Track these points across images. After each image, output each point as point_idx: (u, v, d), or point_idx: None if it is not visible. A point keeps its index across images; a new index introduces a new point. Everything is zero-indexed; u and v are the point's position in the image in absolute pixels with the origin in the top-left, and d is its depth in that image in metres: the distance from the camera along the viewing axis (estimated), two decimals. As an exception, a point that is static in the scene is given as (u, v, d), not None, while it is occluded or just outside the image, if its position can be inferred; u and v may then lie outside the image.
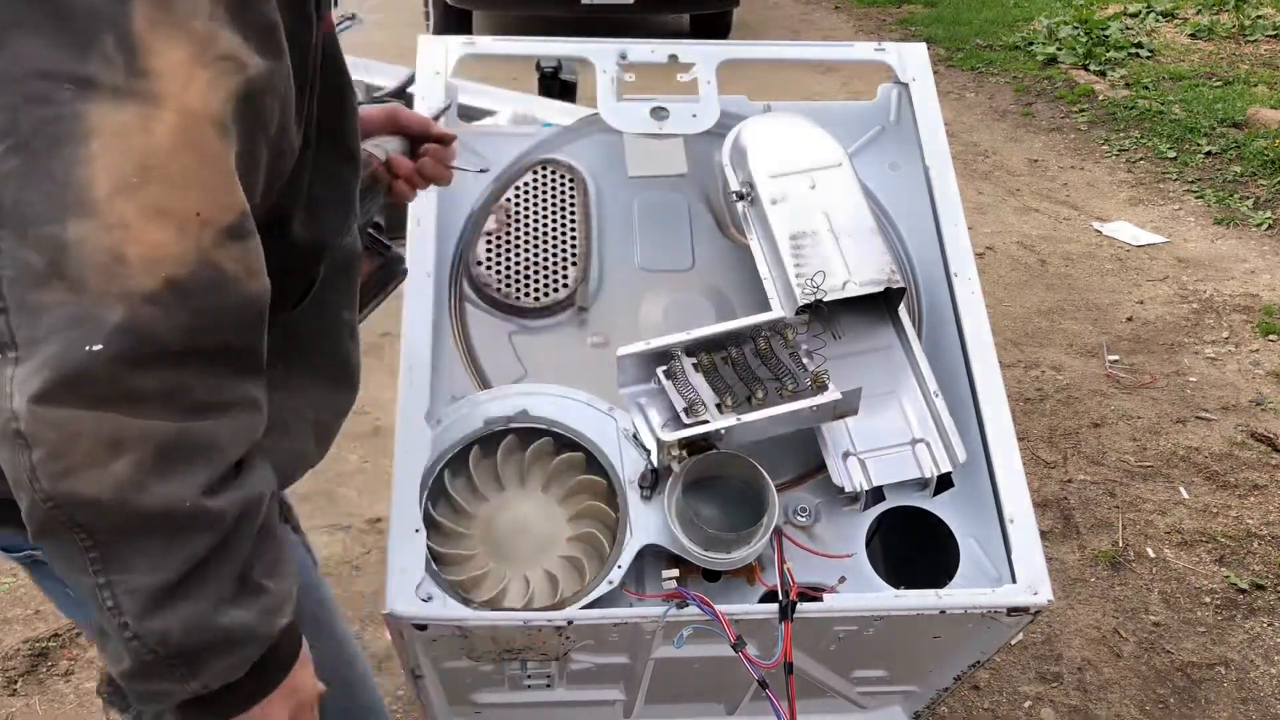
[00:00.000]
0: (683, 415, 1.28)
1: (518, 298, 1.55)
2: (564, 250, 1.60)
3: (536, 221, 1.62)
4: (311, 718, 0.97)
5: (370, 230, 1.32)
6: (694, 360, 1.33)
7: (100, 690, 1.03)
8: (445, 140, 1.33)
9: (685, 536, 1.27)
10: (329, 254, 1.07)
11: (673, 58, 1.71)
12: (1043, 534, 2.43)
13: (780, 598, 1.26)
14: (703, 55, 1.70)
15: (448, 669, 1.47)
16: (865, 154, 1.72)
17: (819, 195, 1.49)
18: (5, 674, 2.25)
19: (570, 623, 1.27)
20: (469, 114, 3.46)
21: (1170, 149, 5.45)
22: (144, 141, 0.73)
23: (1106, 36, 7.10)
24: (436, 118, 1.43)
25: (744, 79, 1.74)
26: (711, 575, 1.34)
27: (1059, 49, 7.09)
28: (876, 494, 1.39)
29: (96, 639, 0.84)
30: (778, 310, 1.41)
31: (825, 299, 1.39)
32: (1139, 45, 7.01)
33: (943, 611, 1.31)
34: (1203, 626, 2.52)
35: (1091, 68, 6.79)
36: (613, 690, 1.64)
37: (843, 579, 1.34)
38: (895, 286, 1.42)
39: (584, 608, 1.28)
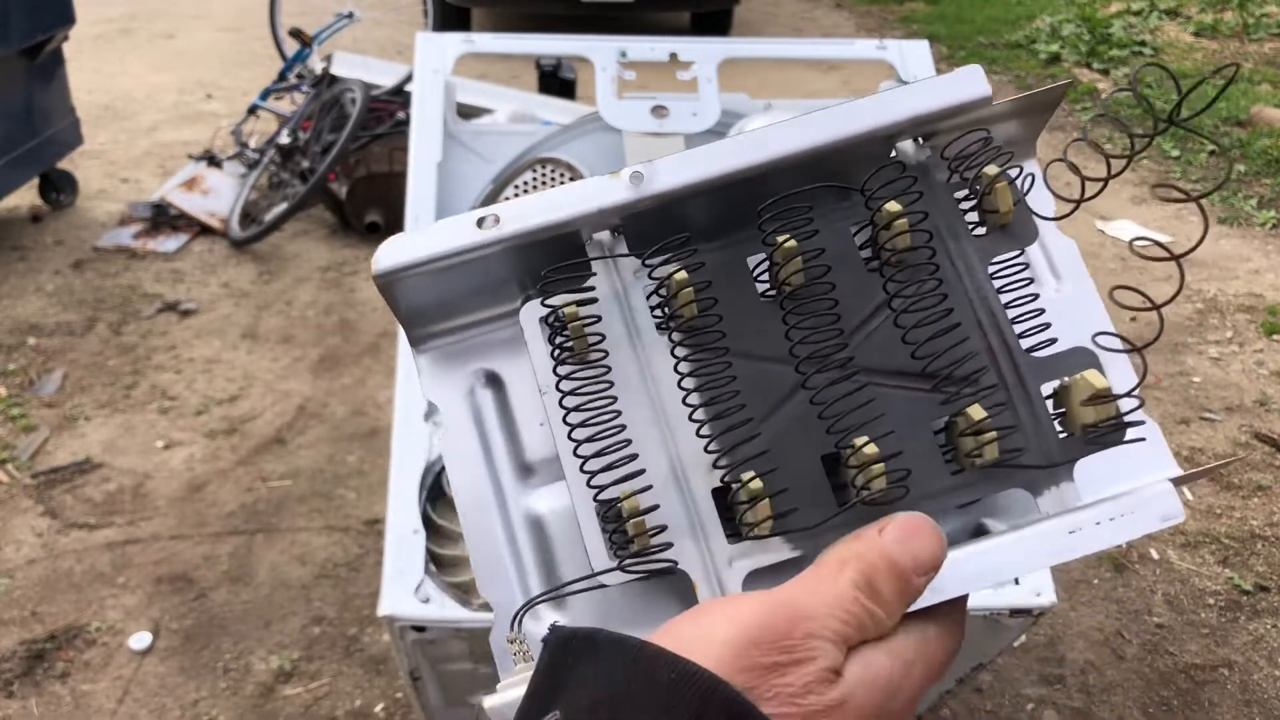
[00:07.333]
0: None
1: (517, 297, 1.54)
2: (563, 249, 1.59)
3: (536, 220, 1.61)
4: None
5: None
6: None
7: None
8: None
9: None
10: None
11: (673, 56, 1.70)
12: (1045, 535, 2.40)
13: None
14: (703, 53, 1.69)
15: (446, 671, 1.46)
16: (867, 152, 1.71)
17: (821, 194, 1.48)
18: (1, 676, 2.24)
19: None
20: (468, 112, 3.46)
21: (1174, 148, 5.43)
22: None
23: (1109, 35, 7.09)
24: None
25: (745, 77, 1.73)
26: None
27: (1062, 47, 7.08)
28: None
29: None
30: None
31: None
32: (1142, 43, 6.99)
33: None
34: (1206, 628, 2.50)
35: (1094, 66, 6.78)
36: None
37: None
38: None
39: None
